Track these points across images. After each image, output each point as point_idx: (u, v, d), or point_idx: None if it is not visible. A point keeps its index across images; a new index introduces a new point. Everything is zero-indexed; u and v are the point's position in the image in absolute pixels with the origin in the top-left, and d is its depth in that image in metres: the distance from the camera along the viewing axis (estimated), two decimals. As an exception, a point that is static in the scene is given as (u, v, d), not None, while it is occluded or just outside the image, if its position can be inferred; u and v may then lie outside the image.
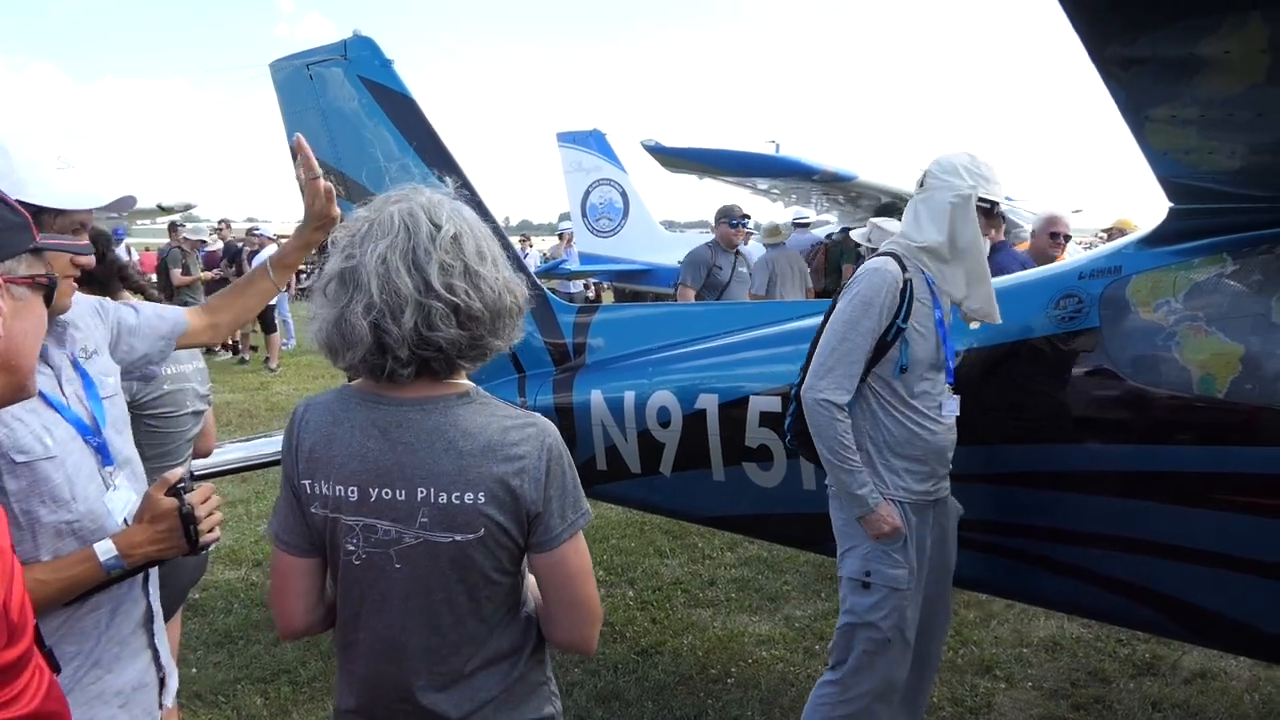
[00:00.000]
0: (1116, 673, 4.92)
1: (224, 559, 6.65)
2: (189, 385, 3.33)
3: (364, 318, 1.77)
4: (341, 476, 1.84)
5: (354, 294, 1.79)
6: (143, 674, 2.09)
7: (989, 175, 3.44)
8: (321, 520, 1.87)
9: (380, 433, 1.84)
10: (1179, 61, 1.98)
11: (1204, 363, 3.16)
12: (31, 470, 1.88)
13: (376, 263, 1.79)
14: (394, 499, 1.82)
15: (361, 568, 1.86)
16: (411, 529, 1.83)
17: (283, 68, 6.15)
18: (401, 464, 1.82)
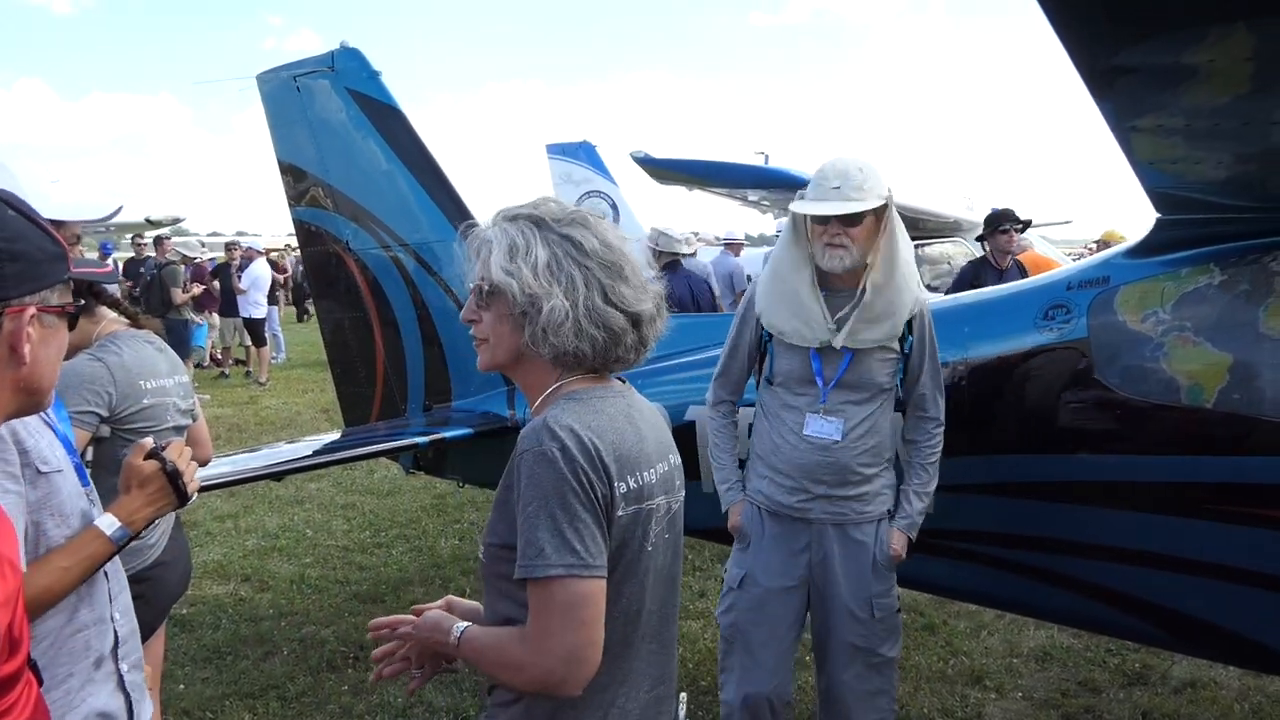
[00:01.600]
0: (1107, 682, 4.92)
1: (212, 574, 6.61)
2: (169, 399, 3.31)
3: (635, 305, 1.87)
4: (643, 463, 1.86)
5: (615, 281, 1.86)
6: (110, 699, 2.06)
7: (811, 180, 3.40)
8: (630, 519, 1.82)
9: (639, 415, 1.92)
10: (1165, 71, 1.98)
11: (1192, 373, 3.17)
12: (49, 482, 1.91)
13: (616, 247, 1.89)
14: (663, 471, 1.91)
15: (652, 553, 1.89)
16: (674, 494, 1.95)
17: (270, 80, 6.14)
18: (657, 438, 1.93)
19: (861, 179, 3.28)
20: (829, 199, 3.28)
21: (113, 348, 3.17)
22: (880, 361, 3.40)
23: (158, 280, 14.06)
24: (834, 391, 3.39)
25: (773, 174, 12.92)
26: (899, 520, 3.45)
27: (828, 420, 3.38)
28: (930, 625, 5.64)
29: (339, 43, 5.83)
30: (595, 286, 1.85)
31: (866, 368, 3.39)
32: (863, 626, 3.43)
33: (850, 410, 3.39)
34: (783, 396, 3.46)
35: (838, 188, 3.28)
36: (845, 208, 3.25)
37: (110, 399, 3.09)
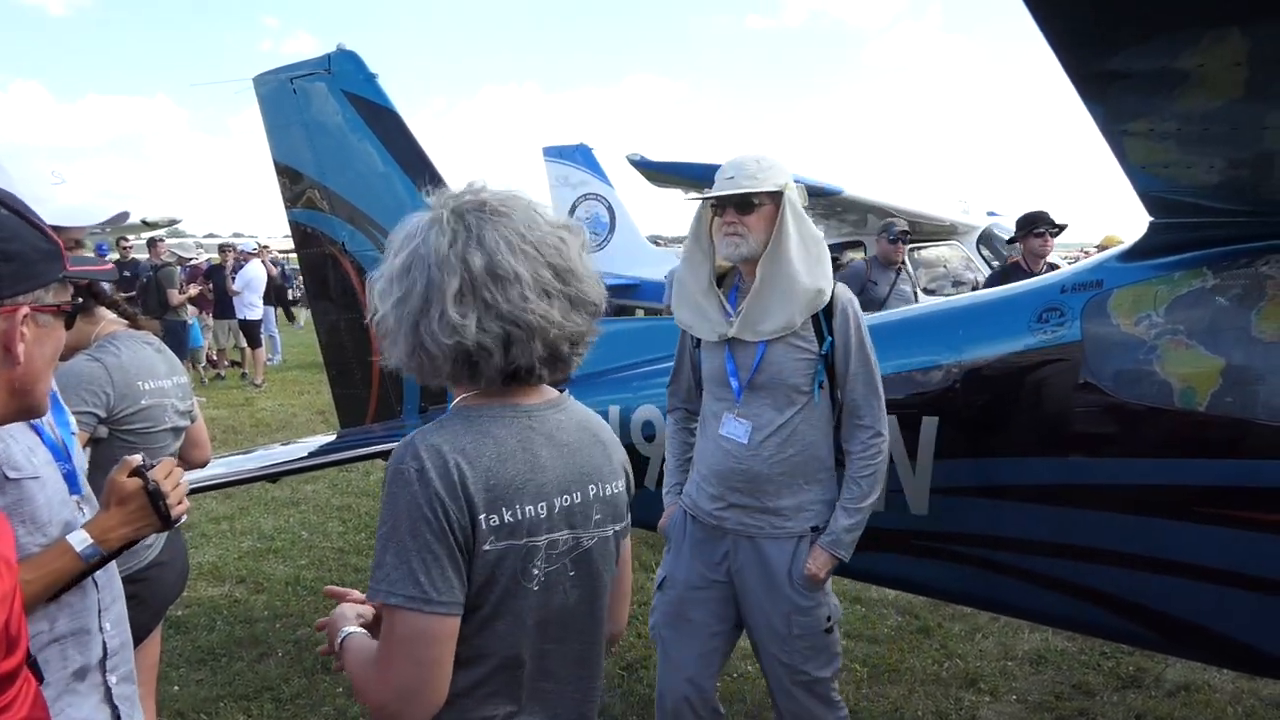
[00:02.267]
0: (1101, 685, 4.92)
1: (207, 575, 6.61)
2: (167, 400, 3.31)
3: (515, 316, 1.66)
4: (528, 496, 1.69)
5: (496, 290, 1.64)
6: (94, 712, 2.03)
7: (719, 174, 3.37)
8: (497, 556, 1.66)
9: (546, 439, 1.75)
10: (1157, 76, 1.99)
11: (1184, 376, 3.18)
12: (19, 488, 1.86)
13: (505, 251, 1.66)
14: (573, 503, 1.76)
15: (539, 593, 1.72)
16: (588, 530, 1.79)
17: (267, 82, 6.14)
18: (571, 465, 1.77)
19: (757, 169, 3.27)
20: (723, 188, 3.30)
21: (111, 348, 3.17)
22: (795, 361, 3.29)
23: (154, 282, 14.06)
24: (749, 392, 3.32)
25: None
26: (823, 537, 3.29)
27: (739, 421, 3.32)
28: (925, 628, 5.65)
29: (335, 45, 5.84)
30: (454, 300, 1.63)
31: (778, 368, 3.29)
32: (782, 642, 3.34)
33: (764, 414, 3.30)
34: (710, 399, 3.46)
35: (732, 178, 3.29)
36: (735, 191, 3.26)
37: (108, 400, 3.09)
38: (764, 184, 3.25)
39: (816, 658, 3.35)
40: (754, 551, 3.34)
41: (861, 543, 3.87)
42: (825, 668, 3.37)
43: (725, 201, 3.30)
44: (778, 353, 3.29)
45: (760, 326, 3.29)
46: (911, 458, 3.66)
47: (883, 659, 5.28)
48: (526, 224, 1.70)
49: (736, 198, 3.27)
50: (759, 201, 3.27)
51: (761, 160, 3.30)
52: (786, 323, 3.27)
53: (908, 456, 3.67)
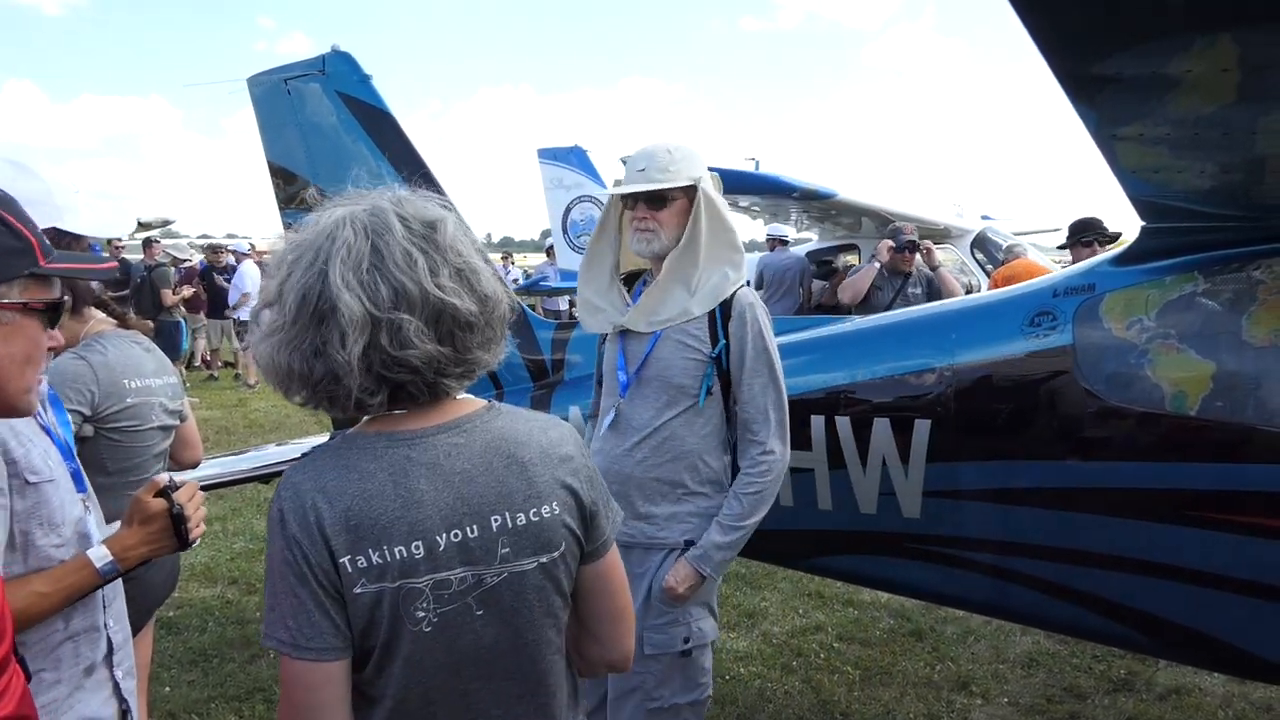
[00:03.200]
0: (1092, 689, 4.93)
1: (199, 576, 6.59)
2: (155, 399, 3.31)
3: (292, 348, 1.55)
4: (398, 535, 1.55)
5: (311, 316, 1.54)
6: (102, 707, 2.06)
7: (629, 163, 3.19)
8: (372, 599, 1.55)
9: (428, 470, 1.59)
10: (1149, 81, 2.00)
11: (1175, 380, 3.19)
12: (38, 492, 1.89)
13: (314, 279, 1.54)
14: (465, 539, 1.59)
15: (433, 634, 1.59)
16: (492, 566, 1.61)
17: (261, 83, 6.14)
18: (464, 497, 1.60)
19: (669, 160, 3.10)
20: (634, 182, 3.14)
21: (97, 346, 3.17)
22: (683, 360, 3.12)
23: (148, 282, 14.05)
24: (635, 386, 3.16)
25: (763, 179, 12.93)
26: (691, 551, 3.09)
27: (610, 415, 3.20)
28: (917, 631, 5.66)
29: (330, 46, 5.84)
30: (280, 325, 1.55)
31: (665, 364, 3.13)
32: (634, 661, 3.13)
33: (643, 414, 3.13)
34: (604, 395, 3.36)
35: (643, 170, 3.12)
36: (646, 186, 3.10)
37: (93, 397, 3.09)
38: (676, 178, 3.09)
39: (670, 682, 3.09)
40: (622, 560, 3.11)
41: (855, 546, 3.89)
42: (682, 694, 3.11)
43: (636, 196, 3.15)
44: (667, 349, 3.14)
45: (655, 316, 3.15)
46: (904, 460, 3.67)
47: (875, 662, 5.29)
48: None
49: (647, 193, 3.12)
50: (672, 196, 3.12)
51: (675, 151, 3.13)
52: (682, 310, 3.13)
53: (900, 459, 3.68)
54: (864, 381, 3.87)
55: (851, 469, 3.78)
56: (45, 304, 1.67)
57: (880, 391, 3.80)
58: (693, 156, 3.15)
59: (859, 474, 3.77)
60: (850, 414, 3.80)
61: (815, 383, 3.95)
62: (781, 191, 12.36)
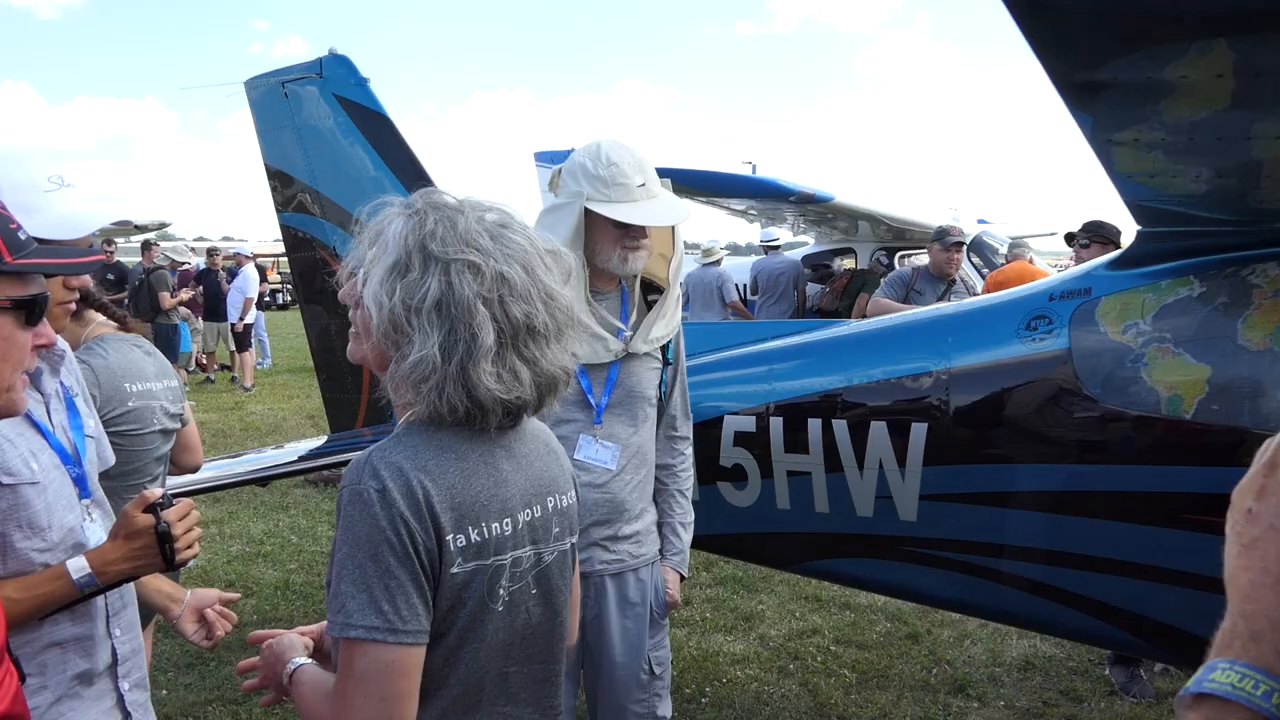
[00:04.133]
0: (1089, 692, 4.94)
1: (196, 579, 6.58)
2: (156, 403, 3.31)
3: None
4: (494, 512, 1.61)
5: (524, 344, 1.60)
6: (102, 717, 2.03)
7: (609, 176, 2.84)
8: (466, 578, 1.57)
9: (506, 452, 1.66)
10: (1144, 86, 2.01)
11: (1171, 384, 3.19)
12: (14, 494, 1.84)
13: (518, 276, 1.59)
14: (533, 518, 1.68)
15: (503, 613, 1.63)
16: (548, 544, 1.71)
17: (258, 86, 6.15)
18: (530, 479, 1.69)
19: (653, 171, 2.92)
20: (637, 199, 2.86)
21: (98, 350, 3.17)
22: (649, 370, 3.04)
23: (146, 285, 14.05)
24: (606, 413, 2.96)
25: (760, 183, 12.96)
26: (671, 558, 3.09)
27: (603, 445, 2.94)
28: (914, 634, 5.66)
29: (328, 49, 5.85)
30: (491, 351, 1.55)
31: (636, 379, 3.00)
32: (642, 690, 2.99)
33: (623, 434, 2.97)
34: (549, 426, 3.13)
35: (643, 185, 2.87)
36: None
37: (94, 401, 3.09)
38: (666, 190, 2.96)
39: (665, 695, 3.06)
40: (617, 590, 2.97)
41: (852, 549, 3.89)
42: (669, 705, 3.10)
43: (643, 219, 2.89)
44: (635, 364, 3.01)
45: (652, 335, 3.03)
46: (901, 464, 3.67)
47: (871, 665, 5.29)
48: (532, 270, 1.63)
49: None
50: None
51: (645, 162, 2.92)
52: (670, 329, 3.07)
53: (897, 463, 3.68)
54: (861, 385, 3.87)
55: (848, 472, 3.79)
56: (14, 302, 1.61)
57: (877, 395, 3.80)
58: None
59: (856, 477, 3.78)
60: (847, 417, 3.81)
61: (812, 386, 3.95)
62: (779, 195, 12.39)
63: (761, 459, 4.00)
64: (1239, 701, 0.94)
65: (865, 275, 13.73)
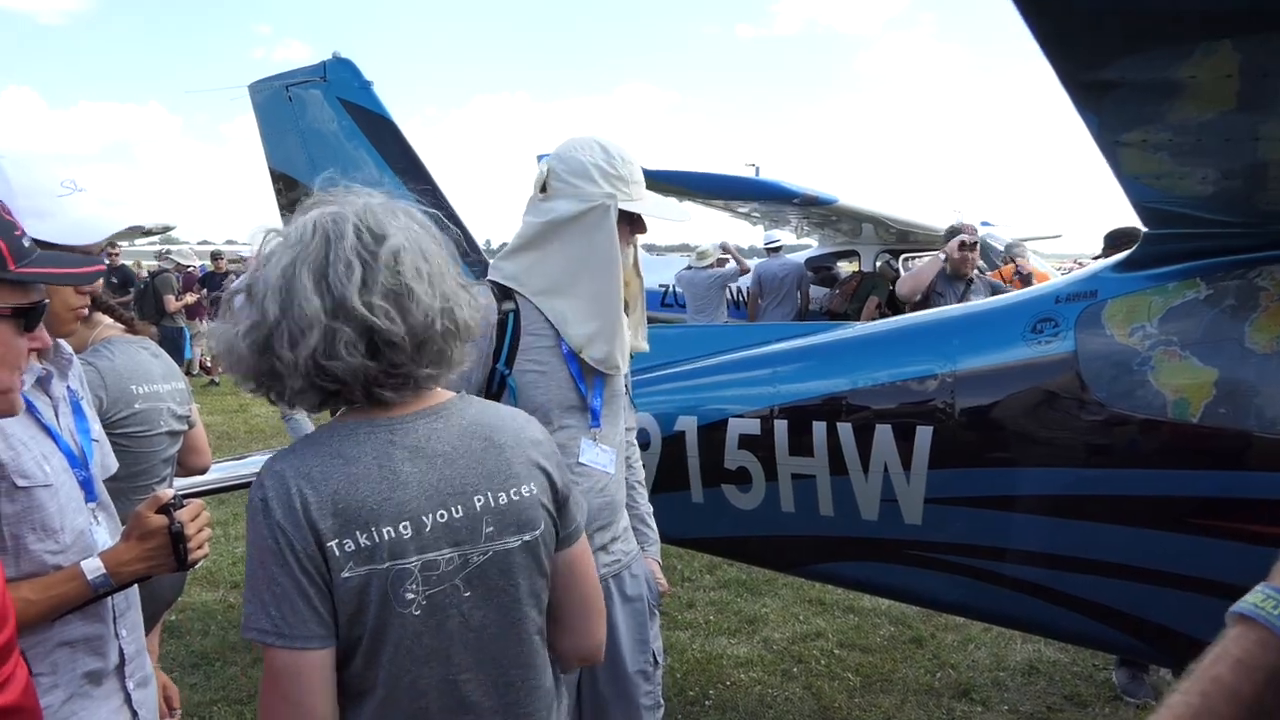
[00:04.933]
0: (1093, 697, 4.93)
1: (201, 580, 6.59)
2: (163, 404, 3.31)
3: (248, 339, 1.62)
4: (386, 516, 1.58)
5: (251, 312, 1.62)
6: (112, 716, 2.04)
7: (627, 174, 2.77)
8: (360, 583, 1.57)
9: (410, 453, 1.63)
10: (1151, 87, 2.00)
11: (1178, 387, 3.19)
12: (29, 496, 1.86)
13: (278, 276, 1.60)
14: (451, 519, 1.62)
15: (422, 618, 1.61)
16: (477, 545, 1.64)
17: (262, 89, 6.17)
18: (447, 478, 1.63)
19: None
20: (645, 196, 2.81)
21: (105, 352, 3.18)
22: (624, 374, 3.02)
23: (151, 288, 14.09)
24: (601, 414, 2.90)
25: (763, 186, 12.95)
26: (649, 548, 3.09)
27: (601, 449, 2.86)
28: (918, 638, 5.65)
29: (331, 53, 5.86)
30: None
31: (616, 381, 2.93)
32: (648, 682, 2.96)
33: (613, 435, 2.92)
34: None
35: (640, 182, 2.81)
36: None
37: (101, 403, 3.09)
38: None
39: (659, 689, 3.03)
40: (617, 590, 2.91)
41: (856, 551, 3.88)
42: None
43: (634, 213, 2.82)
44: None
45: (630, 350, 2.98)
46: (906, 467, 3.67)
47: (875, 668, 5.28)
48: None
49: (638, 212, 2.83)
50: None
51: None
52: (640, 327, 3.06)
53: (902, 466, 3.68)
54: (866, 388, 3.87)
55: (853, 475, 3.78)
56: (14, 309, 1.62)
57: (882, 398, 3.79)
58: None
59: (860, 480, 3.77)
60: (852, 420, 3.80)
61: (818, 389, 3.95)
62: (782, 198, 12.38)
63: (766, 462, 4.00)
64: (1259, 620, 1.05)
65: (876, 278, 13.72)
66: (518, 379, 2.78)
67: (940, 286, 7.11)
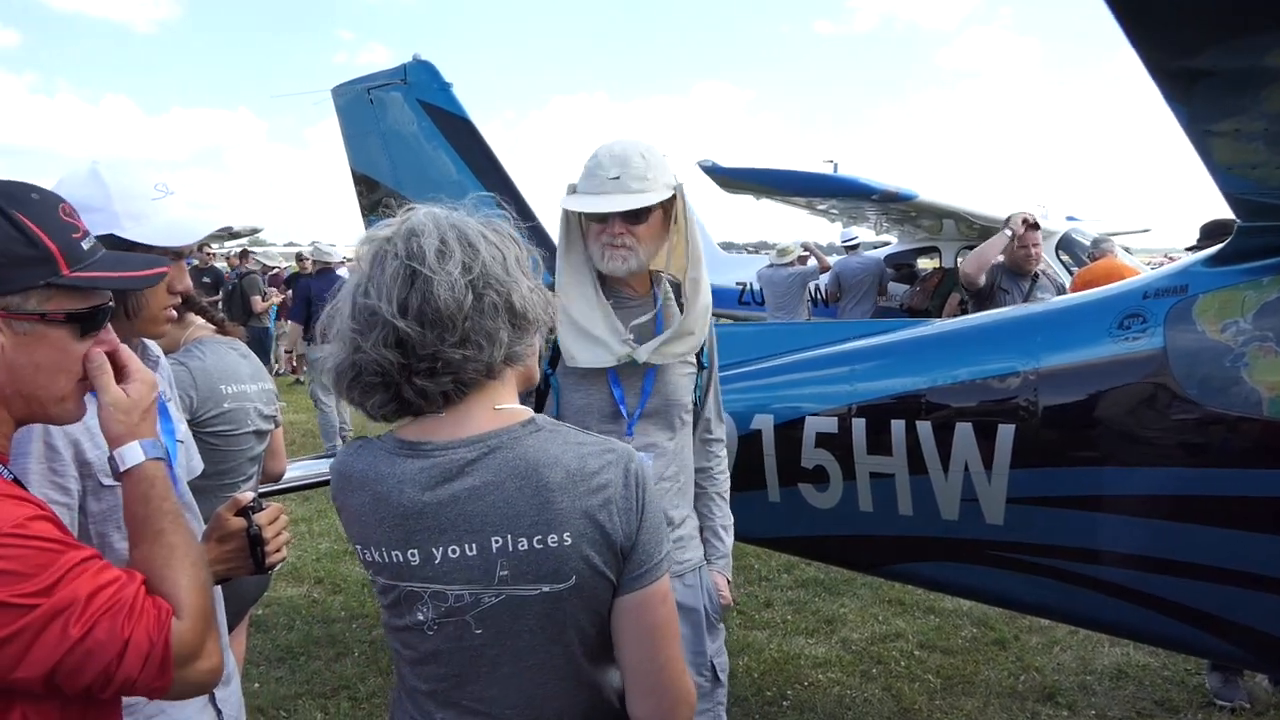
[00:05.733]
0: (1185, 703, 4.79)
1: (286, 576, 6.74)
2: (250, 404, 3.39)
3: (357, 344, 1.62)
4: (396, 540, 1.60)
5: (348, 322, 1.63)
6: (197, 715, 2.07)
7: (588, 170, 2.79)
8: (384, 586, 1.66)
9: (434, 483, 1.59)
10: (1244, 74, 1.94)
11: (1274, 384, 3.08)
12: (115, 495, 1.87)
13: (378, 276, 1.62)
14: (463, 555, 1.57)
15: (435, 639, 1.63)
16: (490, 587, 1.58)
17: (344, 92, 6.28)
18: (467, 514, 1.57)
19: (644, 167, 2.74)
20: (607, 191, 2.74)
21: (196, 352, 3.27)
22: (684, 377, 2.93)
23: (238, 289, 14.47)
24: (640, 422, 2.86)
25: (841, 182, 12.83)
26: (716, 561, 3.03)
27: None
28: (1001, 640, 5.55)
29: (412, 56, 5.95)
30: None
31: (672, 388, 2.89)
32: (705, 699, 2.88)
33: (661, 443, 2.88)
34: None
35: (617, 178, 2.73)
36: (629, 202, 2.72)
37: (191, 402, 3.18)
38: (657, 187, 2.77)
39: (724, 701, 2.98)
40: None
41: (937, 552, 3.82)
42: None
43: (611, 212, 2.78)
44: (671, 370, 2.90)
45: (676, 349, 2.87)
46: (987, 466, 3.60)
47: (957, 670, 5.20)
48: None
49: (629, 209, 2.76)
50: (652, 208, 2.79)
51: (648, 154, 2.79)
52: (696, 345, 2.92)
53: (983, 465, 3.61)
54: (946, 385, 3.80)
55: (933, 474, 3.72)
56: (68, 315, 1.58)
57: (962, 396, 3.73)
58: (665, 160, 2.84)
59: (940, 479, 3.71)
60: (931, 418, 3.75)
61: (896, 387, 3.90)
62: (861, 194, 12.25)
63: (844, 460, 3.96)
64: None
65: (955, 277, 13.48)
66: (560, 380, 2.86)
67: (1005, 283, 6.77)
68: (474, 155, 5.84)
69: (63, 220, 1.59)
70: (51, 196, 1.63)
